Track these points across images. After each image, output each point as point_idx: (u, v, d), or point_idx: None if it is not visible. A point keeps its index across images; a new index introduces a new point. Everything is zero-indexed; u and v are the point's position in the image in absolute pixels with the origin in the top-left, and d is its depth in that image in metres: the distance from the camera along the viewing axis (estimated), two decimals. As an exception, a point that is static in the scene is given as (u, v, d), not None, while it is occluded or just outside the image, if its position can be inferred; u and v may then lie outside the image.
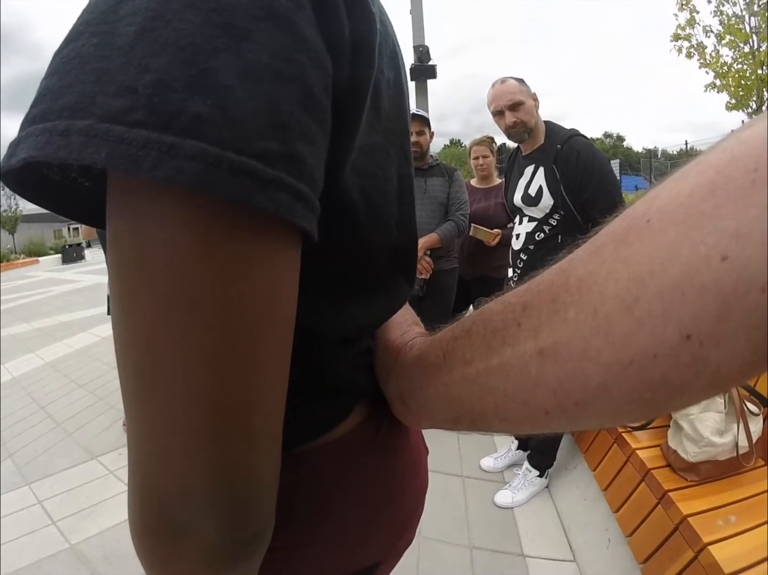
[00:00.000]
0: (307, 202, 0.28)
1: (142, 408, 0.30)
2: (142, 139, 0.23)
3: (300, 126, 0.27)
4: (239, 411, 0.30)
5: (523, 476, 2.46)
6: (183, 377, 0.28)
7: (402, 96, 0.46)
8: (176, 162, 0.23)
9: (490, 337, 0.33)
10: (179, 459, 0.30)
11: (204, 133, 0.24)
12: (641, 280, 0.23)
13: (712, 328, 0.21)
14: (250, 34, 0.26)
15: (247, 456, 0.31)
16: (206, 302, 0.27)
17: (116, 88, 0.24)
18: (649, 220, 0.24)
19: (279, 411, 0.34)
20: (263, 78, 0.26)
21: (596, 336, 0.25)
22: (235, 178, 0.24)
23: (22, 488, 2.73)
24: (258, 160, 0.25)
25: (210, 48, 0.25)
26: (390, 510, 0.56)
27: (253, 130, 0.25)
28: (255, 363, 0.29)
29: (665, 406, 0.26)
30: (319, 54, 0.29)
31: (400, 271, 0.54)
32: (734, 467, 1.73)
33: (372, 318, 0.51)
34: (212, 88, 0.24)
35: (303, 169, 0.28)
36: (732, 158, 0.22)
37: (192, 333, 0.27)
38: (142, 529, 0.33)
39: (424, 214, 2.88)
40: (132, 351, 0.29)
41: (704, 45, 12.53)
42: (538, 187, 2.18)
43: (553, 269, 0.31)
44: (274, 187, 0.25)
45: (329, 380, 0.48)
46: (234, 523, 0.32)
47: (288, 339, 0.33)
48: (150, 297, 0.27)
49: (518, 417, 0.32)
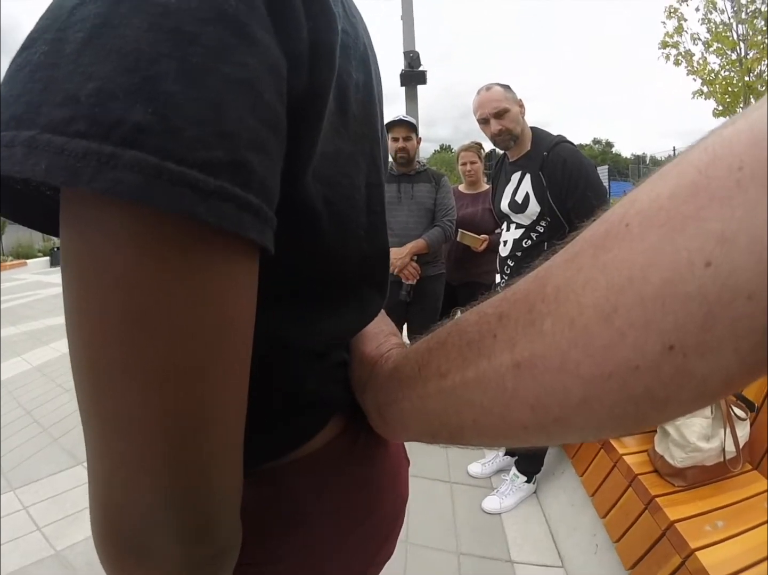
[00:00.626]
0: (257, 212, 0.27)
1: (91, 426, 0.29)
2: (82, 149, 0.22)
3: (248, 133, 0.26)
4: (192, 430, 0.29)
5: (510, 482, 2.46)
6: (129, 396, 0.27)
7: (372, 101, 0.44)
8: (114, 173, 0.22)
9: (466, 349, 0.32)
10: (133, 481, 0.29)
11: (144, 143, 0.23)
12: (620, 288, 0.22)
13: (696, 339, 0.20)
14: (197, 37, 0.25)
15: (205, 476, 0.30)
16: (150, 317, 0.26)
17: (61, 97, 0.23)
18: (627, 224, 0.23)
19: (236, 428, 0.33)
20: (208, 84, 0.24)
21: (575, 349, 0.24)
22: (175, 189, 0.23)
23: (7, 493, 2.69)
24: (200, 170, 0.24)
25: (154, 54, 0.24)
26: (368, 523, 0.55)
27: (195, 139, 0.24)
28: (206, 380, 0.28)
29: (649, 420, 0.25)
30: (272, 57, 0.28)
31: (371, 282, 0.52)
32: (721, 472, 1.73)
33: (342, 331, 0.50)
34: (154, 95, 0.23)
35: (251, 179, 0.26)
36: (714, 157, 0.21)
37: (135, 350, 0.26)
38: (106, 552, 0.33)
39: (411, 219, 2.88)
40: (78, 366, 0.28)
41: (692, 52, 12.66)
42: (524, 193, 2.18)
43: (529, 277, 0.29)
44: (217, 198, 0.24)
45: (301, 394, 0.47)
46: (195, 542, 0.32)
47: (243, 354, 0.32)
48: (94, 311, 0.26)
49: (496, 432, 0.32)
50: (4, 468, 2.98)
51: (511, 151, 2.29)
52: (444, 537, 2.20)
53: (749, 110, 0.21)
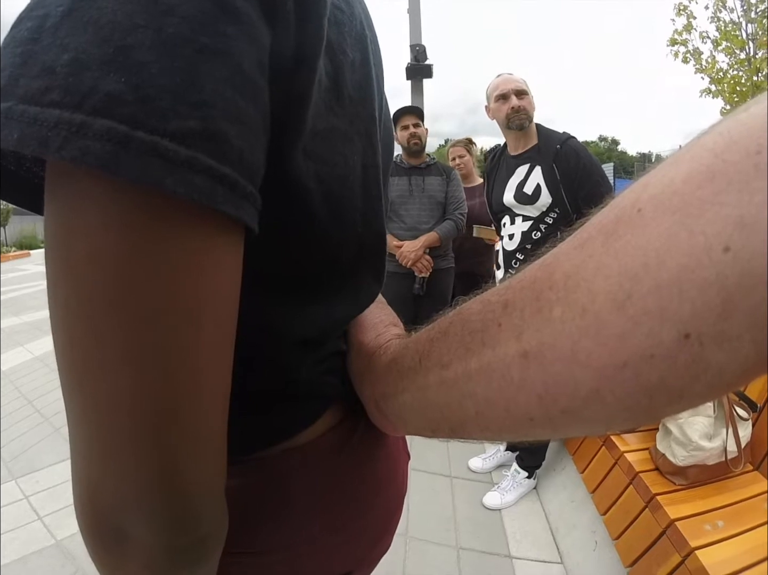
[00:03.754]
0: (233, 186, 0.26)
1: (69, 403, 0.29)
2: (54, 119, 0.22)
3: (225, 104, 0.25)
4: (168, 413, 0.28)
5: (512, 477, 2.47)
6: (101, 376, 0.27)
7: (369, 81, 0.43)
8: (83, 142, 0.22)
9: (469, 339, 0.31)
10: (109, 463, 0.29)
11: (115, 112, 0.23)
12: (634, 275, 0.21)
13: (713, 327, 0.19)
14: (174, 8, 0.24)
15: (183, 462, 0.30)
16: (119, 293, 0.25)
17: (38, 69, 0.23)
18: (640, 209, 0.22)
19: (218, 414, 0.32)
20: (183, 53, 0.24)
21: (586, 337, 0.23)
22: (144, 159, 0.23)
23: (8, 483, 2.71)
24: (171, 139, 0.23)
25: (129, 24, 0.23)
26: (362, 518, 0.54)
27: (168, 108, 0.23)
28: (181, 361, 0.28)
29: (661, 412, 0.24)
30: (253, 26, 0.27)
31: (367, 268, 0.51)
32: (722, 472, 1.73)
33: (336, 318, 0.49)
34: (127, 65, 0.23)
35: (227, 150, 0.26)
36: (730, 141, 0.20)
37: (105, 327, 0.26)
38: (86, 534, 0.33)
39: (423, 212, 2.88)
40: (55, 342, 0.28)
41: (700, 50, 12.56)
42: (535, 185, 2.18)
43: (535, 265, 0.28)
44: (188, 169, 0.24)
45: (292, 383, 0.46)
46: (173, 530, 0.31)
47: (225, 336, 0.31)
48: (65, 286, 0.26)
49: (500, 425, 0.31)
50: (6, 457, 2.99)
51: (514, 144, 2.30)
52: (443, 532, 2.20)
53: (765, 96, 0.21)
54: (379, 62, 0.47)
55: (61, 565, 2.06)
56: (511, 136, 2.30)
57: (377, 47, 0.47)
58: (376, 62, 0.46)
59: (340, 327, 0.52)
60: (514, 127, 2.22)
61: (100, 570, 0.35)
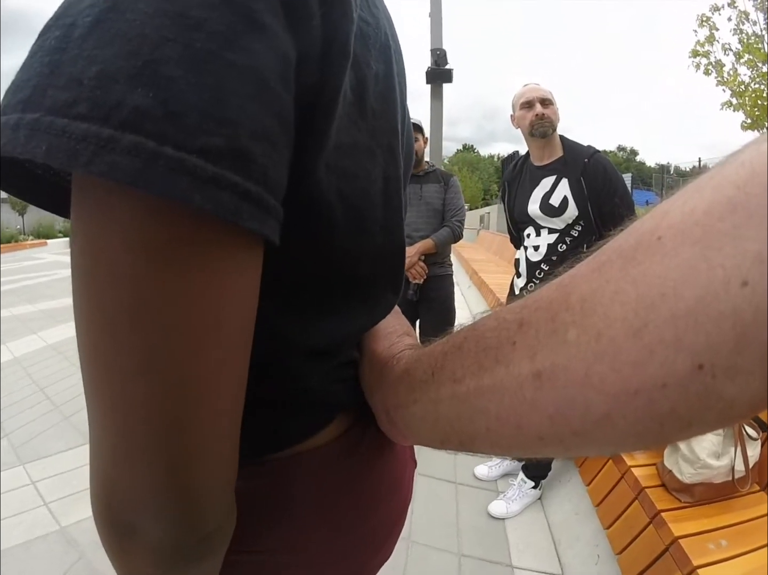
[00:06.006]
0: (258, 202, 0.26)
1: (90, 400, 0.30)
2: (82, 132, 0.22)
3: (251, 121, 0.26)
4: (180, 423, 0.29)
5: (518, 487, 2.45)
6: (120, 380, 0.28)
7: (392, 92, 0.43)
8: (112, 156, 0.22)
9: (482, 355, 0.31)
10: (123, 461, 0.30)
11: (143, 127, 0.23)
12: (651, 303, 0.21)
13: (727, 360, 0.19)
14: (202, 23, 0.24)
15: (193, 466, 0.31)
16: (142, 305, 0.26)
17: (65, 80, 0.24)
18: (660, 237, 0.22)
19: (229, 422, 0.33)
20: (211, 69, 0.24)
21: (600, 362, 0.23)
22: (172, 175, 0.23)
23: (16, 467, 2.74)
24: (198, 156, 0.24)
25: (158, 38, 0.24)
26: (366, 524, 0.54)
27: (195, 125, 0.24)
28: (201, 371, 0.28)
29: (671, 438, 0.24)
30: (280, 43, 0.27)
31: (384, 280, 0.51)
32: (729, 491, 1.72)
33: (352, 329, 0.49)
34: (155, 79, 0.23)
35: (252, 167, 0.26)
36: (752, 173, 0.20)
37: (125, 334, 0.27)
38: (99, 524, 0.34)
39: (420, 220, 2.87)
40: (79, 343, 0.29)
41: (722, 63, 12.44)
42: (562, 197, 2.16)
43: (552, 285, 0.28)
44: (214, 185, 0.24)
45: (303, 391, 0.46)
46: (180, 528, 0.32)
47: (241, 348, 0.32)
48: (89, 295, 0.27)
49: (510, 442, 0.31)
50: (15, 442, 3.03)
51: (539, 155, 2.28)
52: (446, 538, 2.20)
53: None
54: (402, 72, 0.47)
55: (64, 551, 2.09)
56: (534, 145, 2.28)
57: (400, 57, 0.47)
58: (399, 72, 0.45)
59: (356, 337, 0.52)
60: (538, 135, 2.20)
61: (112, 561, 0.36)
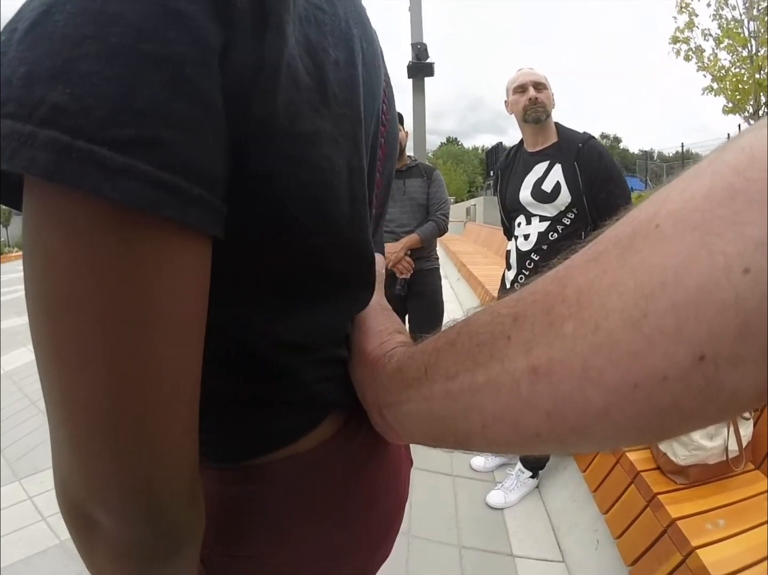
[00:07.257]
0: (173, 191, 0.26)
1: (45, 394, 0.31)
2: (7, 129, 0.24)
3: (166, 110, 0.26)
4: (122, 415, 0.29)
5: (516, 477, 2.47)
6: (63, 378, 0.29)
7: (355, 81, 0.41)
8: (31, 152, 0.23)
9: (476, 351, 0.30)
10: (77, 454, 0.31)
11: (59, 123, 0.24)
12: (650, 293, 0.20)
13: (729, 350, 0.19)
14: (119, 17, 0.25)
15: (141, 460, 0.31)
16: (74, 295, 0.27)
17: (2, 81, 0.25)
18: (658, 225, 0.22)
19: (185, 419, 0.33)
20: (124, 62, 0.25)
21: (597, 355, 0.22)
22: (82, 167, 0.24)
23: (12, 484, 2.71)
24: (109, 147, 0.24)
25: (78, 36, 0.24)
26: (362, 524, 0.54)
27: (107, 117, 0.24)
28: (138, 364, 0.28)
29: (672, 432, 0.24)
30: (198, 29, 0.27)
31: (355, 274, 0.49)
32: (724, 471, 1.73)
33: (323, 325, 0.48)
34: (73, 76, 0.24)
35: (166, 156, 0.26)
36: (752, 158, 0.19)
37: (64, 331, 0.28)
38: (64, 518, 0.35)
39: (405, 215, 2.86)
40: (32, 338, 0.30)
41: (702, 48, 12.48)
42: (555, 182, 2.14)
43: (547, 277, 0.28)
44: (124, 176, 0.24)
45: (291, 390, 0.46)
46: (135, 523, 0.33)
47: (186, 337, 0.31)
48: (30, 289, 0.28)
49: (507, 439, 0.30)
50: (10, 458, 3.00)
51: (532, 141, 2.27)
52: (446, 530, 2.21)
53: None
54: (372, 62, 0.46)
55: (64, 566, 2.07)
56: (528, 131, 2.25)
57: (372, 47, 0.46)
58: (368, 62, 0.44)
59: (333, 332, 0.52)
60: (531, 120, 2.18)
61: (79, 551, 0.37)
